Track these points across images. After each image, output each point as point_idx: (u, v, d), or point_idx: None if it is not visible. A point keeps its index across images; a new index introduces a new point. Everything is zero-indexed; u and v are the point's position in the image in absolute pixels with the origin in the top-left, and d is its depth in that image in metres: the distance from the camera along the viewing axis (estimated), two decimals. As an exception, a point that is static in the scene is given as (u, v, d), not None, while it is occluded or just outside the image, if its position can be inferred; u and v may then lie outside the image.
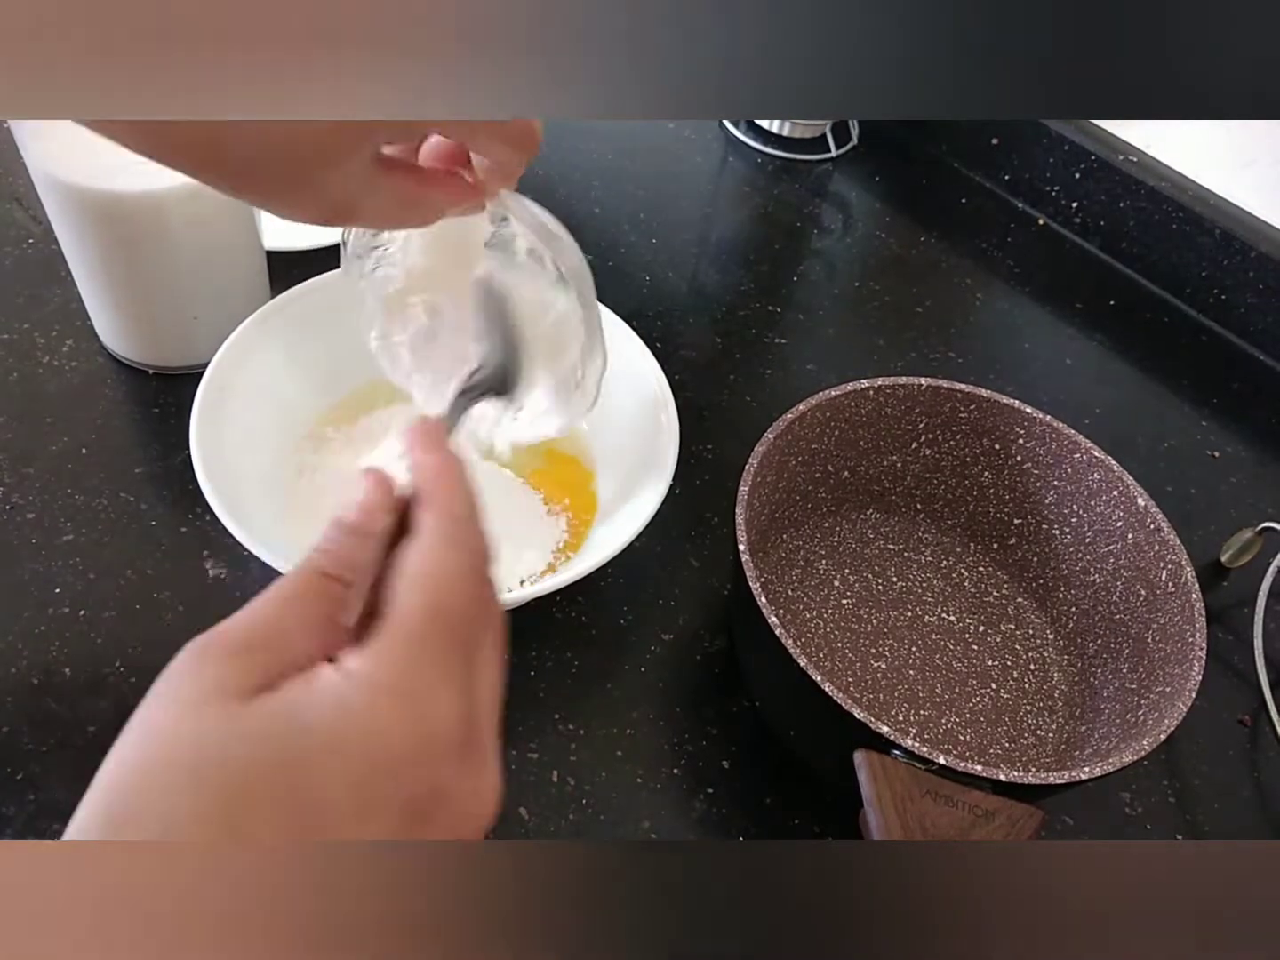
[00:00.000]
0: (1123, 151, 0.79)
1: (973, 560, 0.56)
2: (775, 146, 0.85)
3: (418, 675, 0.23)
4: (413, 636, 0.24)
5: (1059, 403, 0.67)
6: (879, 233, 0.80)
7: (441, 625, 0.24)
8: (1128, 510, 0.49)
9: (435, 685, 0.24)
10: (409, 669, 0.23)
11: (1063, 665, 0.52)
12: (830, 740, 0.41)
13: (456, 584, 0.25)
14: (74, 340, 0.58)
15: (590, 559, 0.44)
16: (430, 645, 0.24)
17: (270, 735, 0.22)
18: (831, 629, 0.51)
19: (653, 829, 0.44)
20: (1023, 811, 0.38)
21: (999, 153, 0.85)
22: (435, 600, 0.24)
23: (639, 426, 0.51)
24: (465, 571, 0.25)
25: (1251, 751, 0.52)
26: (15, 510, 0.50)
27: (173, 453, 0.53)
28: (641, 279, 0.71)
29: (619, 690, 0.48)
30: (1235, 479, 0.66)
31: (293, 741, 0.22)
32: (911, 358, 0.70)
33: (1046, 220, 0.84)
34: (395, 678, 0.23)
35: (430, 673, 0.24)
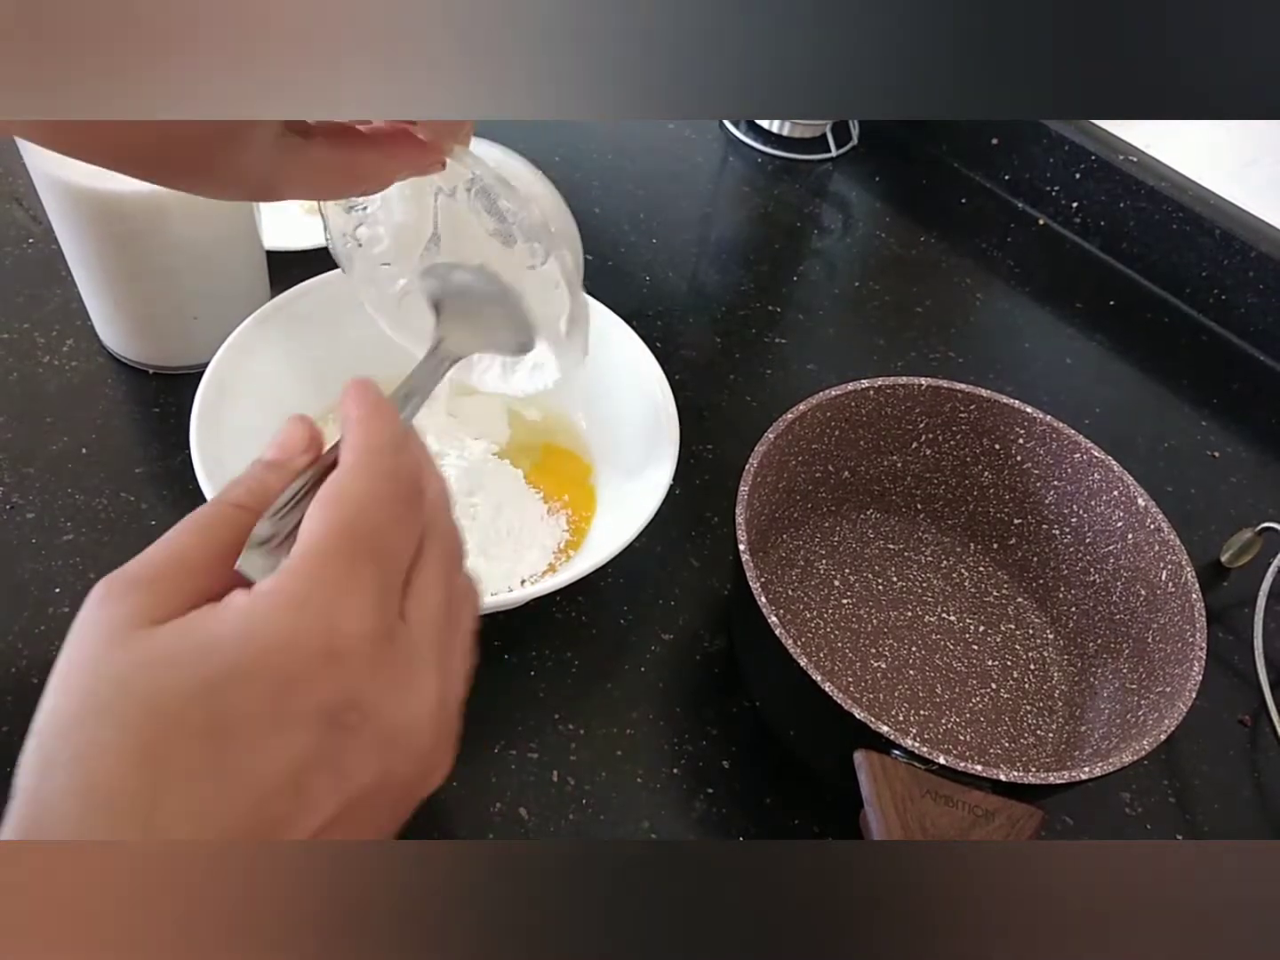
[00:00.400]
0: (1123, 151, 0.79)
1: (973, 560, 0.56)
2: (775, 146, 0.85)
3: (320, 587, 0.24)
4: (316, 552, 0.24)
5: (1059, 403, 0.67)
6: (879, 233, 0.80)
7: (346, 541, 0.24)
8: (1128, 510, 0.49)
9: (340, 596, 0.24)
10: (312, 582, 0.24)
11: (1063, 665, 0.52)
12: (830, 740, 0.41)
13: (366, 503, 0.25)
14: (74, 340, 0.58)
15: (590, 559, 0.44)
16: (334, 559, 0.24)
17: (179, 661, 0.22)
18: (831, 629, 0.51)
19: (653, 829, 0.44)
20: (1023, 811, 0.38)
21: (999, 153, 0.85)
22: (340, 517, 0.25)
23: (639, 426, 0.51)
24: (377, 493, 0.25)
25: (1251, 752, 0.52)
26: (15, 510, 0.50)
27: (173, 453, 0.53)
28: (641, 279, 0.71)
29: (619, 690, 0.48)
30: (1235, 479, 0.66)
31: (202, 663, 0.22)
32: (911, 358, 0.70)
33: (1047, 220, 0.84)
34: (298, 590, 0.23)
35: (335, 585, 0.24)
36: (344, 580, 0.24)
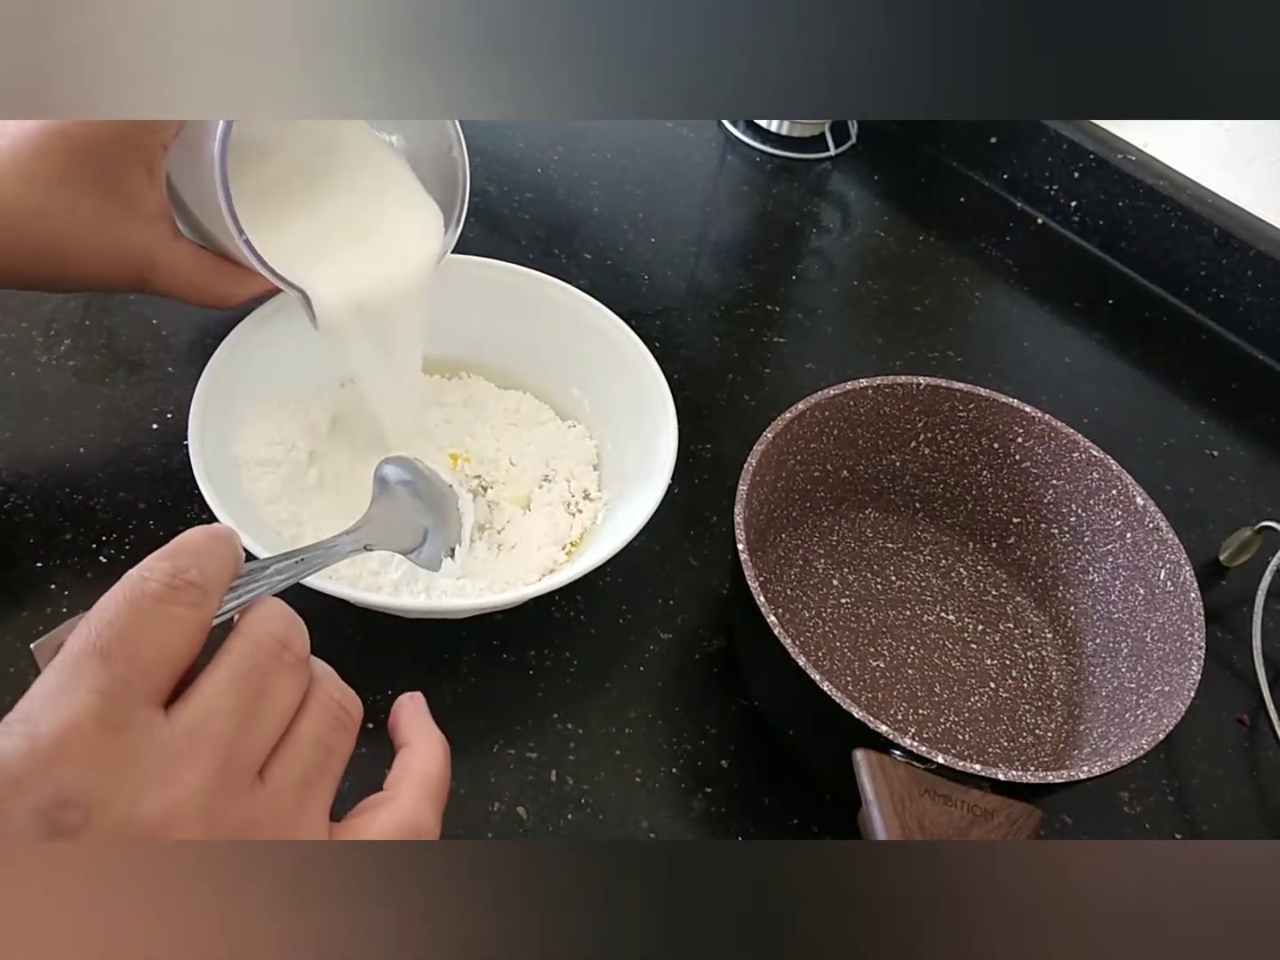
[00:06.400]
0: (1121, 150, 0.79)
1: (971, 559, 0.56)
2: (774, 145, 0.84)
3: (33, 696, 0.24)
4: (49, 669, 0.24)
5: (1058, 401, 0.67)
6: (878, 231, 0.80)
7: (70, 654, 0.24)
8: (1126, 509, 0.49)
9: (48, 697, 0.24)
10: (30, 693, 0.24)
11: (1061, 664, 0.52)
12: (829, 739, 0.41)
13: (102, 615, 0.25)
14: (72, 339, 0.58)
15: (589, 559, 0.44)
16: (55, 667, 0.24)
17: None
18: (830, 628, 0.51)
19: (651, 828, 0.44)
20: (1021, 811, 0.38)
21: (998, 152, 0.85)
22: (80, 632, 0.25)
23: (638, 426, 0.51)
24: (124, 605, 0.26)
25: (1250, 751, 0.52)
26: (14, 510, 0.50)
27: (172, 453, 0.53)
28: (640, 278, 0.71)
29: (618, 690, 0.48)
30: (1234, 478, 0.66)
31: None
32: (910, 356, 0.70)
33: (1045, 219, 0.84)
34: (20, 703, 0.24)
35: (45, 690, 0.24)
36: (58, 682, 0.24)
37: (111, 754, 0.23)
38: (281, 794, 0.26)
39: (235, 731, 0.26)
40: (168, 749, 0.24)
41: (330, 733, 0.28)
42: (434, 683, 0.47)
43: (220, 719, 0.25)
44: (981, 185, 0.87)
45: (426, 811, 0.29)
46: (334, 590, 0.41)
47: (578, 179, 0.78)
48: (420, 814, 0.29)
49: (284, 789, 0.26)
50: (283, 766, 0.27)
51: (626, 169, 0.80)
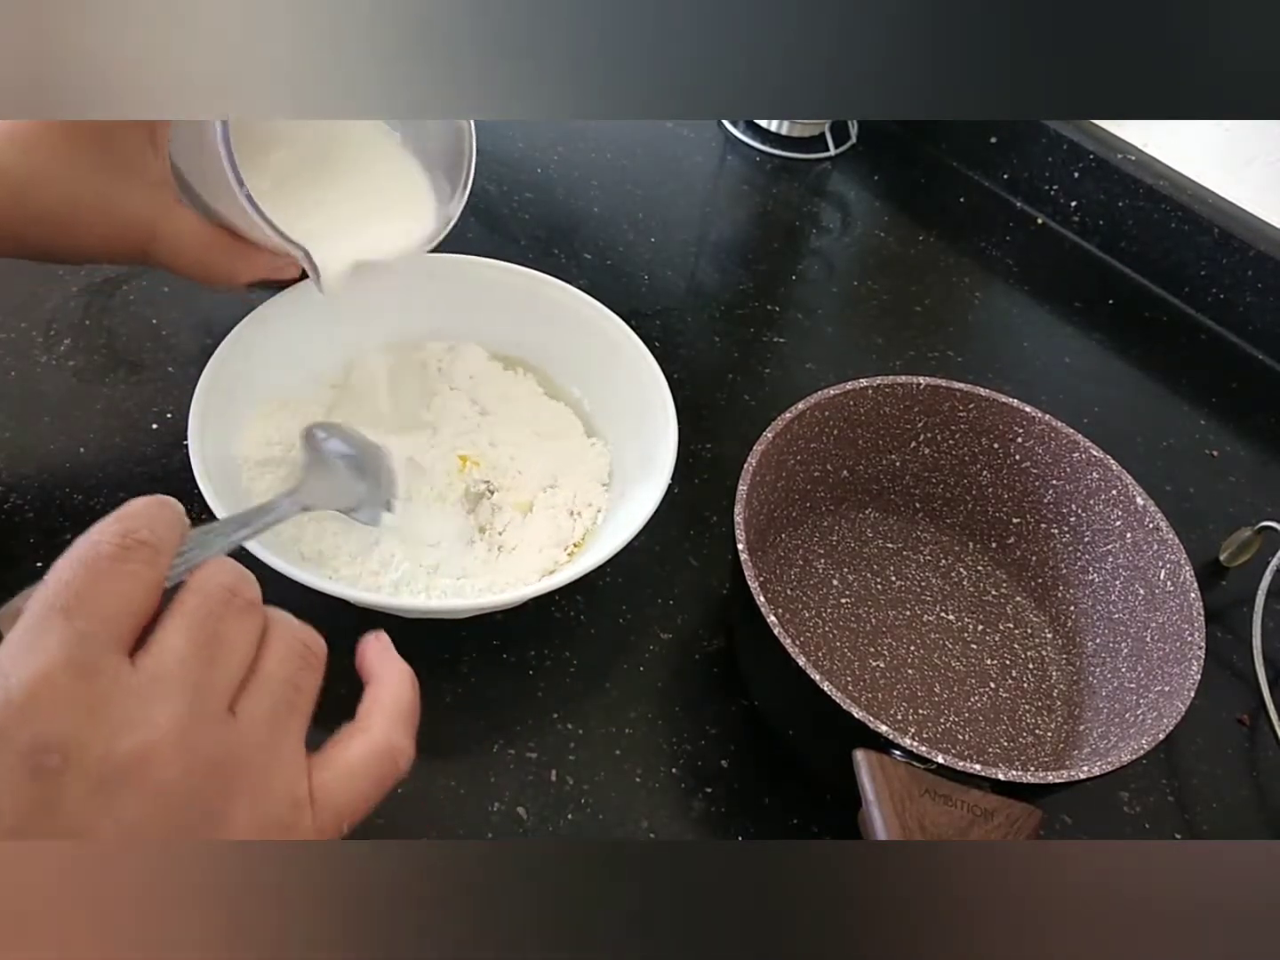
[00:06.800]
0: (1121, 150, 0.79)
1: (971, 559, 0.56)
2: (774, 145, 0.84)
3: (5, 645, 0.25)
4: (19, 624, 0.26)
5: (1058, 402, 0.67)
6: (878, 231, 0.80)
7: (39, 604, 0.26)
8: (1126, 509, 0.49)
9: (19, 646, 0.25)
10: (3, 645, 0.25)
11: (1061, 664, 0.52)
12: (829, 739, 0.41)
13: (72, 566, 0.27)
14: (71, 339, 0.58)
15: (588, 559, 0.44)
16: (24, 620, 0.26)
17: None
18: (830, 628, 0.51)
19: (651, 828, 0.44)
20: (1021, 811, 0.38)
21: (998, 152, 0.85)
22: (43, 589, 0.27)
23: (637, 426, 0.51)
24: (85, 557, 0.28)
25: (1250, 751, 0.52)
26: (14, 510, 0.50)
27: (172, 452, 0.53)
28: (640, 278, 0.71)
29: (618, 689, 0.48)
30: (1234, 478, 0.66)
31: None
32: (910, 356, 0.70)
33: (1045, 219, 0.84)
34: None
35: (15, 640, 0.25)
36: (24, 641, 0.25)
37: (84, 699, 0.24)
38: (254, 726, 0.27)
39: (199, 672, 0.27)
40: (137, 692, 0.25)
41: (296, 671, 0.29)
42: (434, 683, 0.46)
43: (183, 662, 0.26)
44: (981, 185, 0.87)
45: (399, 734, 0.31)
46: (334, 590, 0.41)
47: (578, 179, 0.78)
48: (393, 738, 0.30)
49: (256, 722, 0.27)
50: (253, 700, 0.28)
51: (626, 169, 0.80)
